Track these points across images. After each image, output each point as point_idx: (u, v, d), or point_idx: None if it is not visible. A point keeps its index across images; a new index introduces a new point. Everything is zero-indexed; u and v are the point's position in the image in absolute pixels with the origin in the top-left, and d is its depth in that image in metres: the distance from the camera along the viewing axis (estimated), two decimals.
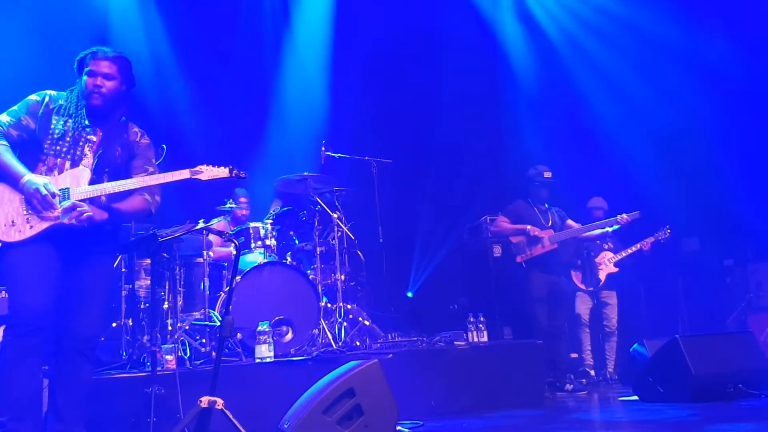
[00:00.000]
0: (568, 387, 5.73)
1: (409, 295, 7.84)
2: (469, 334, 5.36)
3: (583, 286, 6.51)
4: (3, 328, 3.27)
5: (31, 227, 3.22)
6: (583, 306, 6.53)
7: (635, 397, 5.04)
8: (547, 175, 6.04)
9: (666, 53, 7.78)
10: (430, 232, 7.95)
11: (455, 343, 5.25)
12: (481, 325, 5.37)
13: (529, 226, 5.92)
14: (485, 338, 5.38)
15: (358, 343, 5.25)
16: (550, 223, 6.04)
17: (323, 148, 6.09)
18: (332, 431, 3.55)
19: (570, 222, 6.22)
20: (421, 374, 4.72)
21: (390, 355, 4.61)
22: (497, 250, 6.59)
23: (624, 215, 6.11)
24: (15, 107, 3.40)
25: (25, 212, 3.22)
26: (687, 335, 4.87)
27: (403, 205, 7.58)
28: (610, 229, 6.25)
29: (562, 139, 7.88)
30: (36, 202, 3.20)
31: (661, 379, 4.75)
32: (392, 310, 6.70)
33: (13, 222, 3.21)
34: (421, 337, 5.45)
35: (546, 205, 6.14)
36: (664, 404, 4.63)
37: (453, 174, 8.05)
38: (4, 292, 3.53)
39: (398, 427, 3.87)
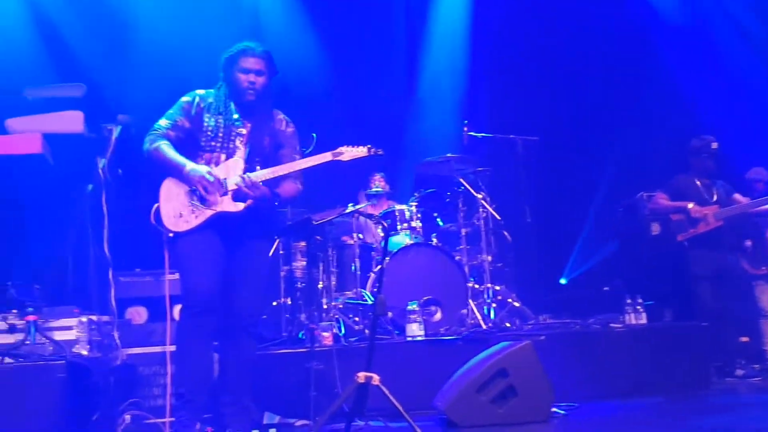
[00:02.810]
0: (739, 372, 5.30)
1: (563, 281, 7.63)
2: (626, 316, 5.13)
3: (752, 269, 5.95)
4: (179, 307, 3.54)
5: (197, 217, 3.48)
6: (764, 296, 5.99)
7: None
8: (714, 146, 5.58)
9: None
10: (581, 211, 7.67)
11: (611, 325, 5.05)
12: (639, 307, 5.11)
13: (690, 205, 5.49)
14: (644, 320, 5.12)
15: (508, 324, 5.18)
16: (715, 198, 5.58)
17: (465, 129, 6.03)
18: (486, 410, 3.55)
19: (737, 196, 5.71)
20: (576, 356, 4.58)
21: (542, 337, 4.51)
22: (655, 228, 6.20)
23: None
24: (170, 110, 3.65)
25: (190, 204, 3.48)
26: None
27: (551, 183, 7.34)
28: None
29: (723, 106, 7.28)
30: (201, 188, 3.45)
31: None
32: (543, 292, 6.56)
33: (180, 214, 3.49)
34: (574, 320, 5.29)
35: (710, 179, 5.71)
36: None
37: (604, 149, 7.69)
38: (177, 274, 3.82)
39: (553, 409, 3.79)
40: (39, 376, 3.26)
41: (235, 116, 3.63)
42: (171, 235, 3.50)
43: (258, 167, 3.61)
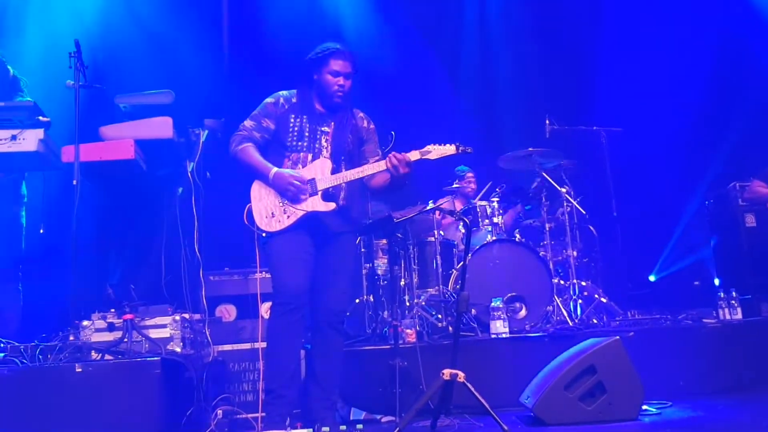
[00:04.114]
0: None
1: (652, 278, 7.37)
2: (720, 311, 4.92)
3: None
4: (269, 304, 3.63)
5: (288, 217, 3.55)
6: None
7: None
8: None
9: None
10: (669, 204, 7.38)
11: (704, 320, 4.86)
12: (734, 302, 4.89)
13: None
14: (739, 315, 4.90)
15: (595, 321, 5.07)
16: None
17: (547, 121, 5.93)
18: (574, 407, 3.48)
19: None
20: (667, 353, 4.43)
21: (631, 333, 4.39)
22: (750, 220, 5.91)
23: None
24: (255, 112, 3.72)
25: (281, 204, 3.56)
26: None
27: (637, 175, 7.10)
28: None
29: None
30: (290, 194, 3.52)
31: None
32: (630, 287, 6.36)
33: (273, 213, 3.56)
34: (664, 315, 5.12)
35: None
36: None
37: (692, 139, 7.36)
38: (265, 272, 3.92)
39: (644, 407, 3.68)
40: (137, 372, 3.39)
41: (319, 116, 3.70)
42: (264, 235, 3.59)
43: (344, 164, 3.66)
